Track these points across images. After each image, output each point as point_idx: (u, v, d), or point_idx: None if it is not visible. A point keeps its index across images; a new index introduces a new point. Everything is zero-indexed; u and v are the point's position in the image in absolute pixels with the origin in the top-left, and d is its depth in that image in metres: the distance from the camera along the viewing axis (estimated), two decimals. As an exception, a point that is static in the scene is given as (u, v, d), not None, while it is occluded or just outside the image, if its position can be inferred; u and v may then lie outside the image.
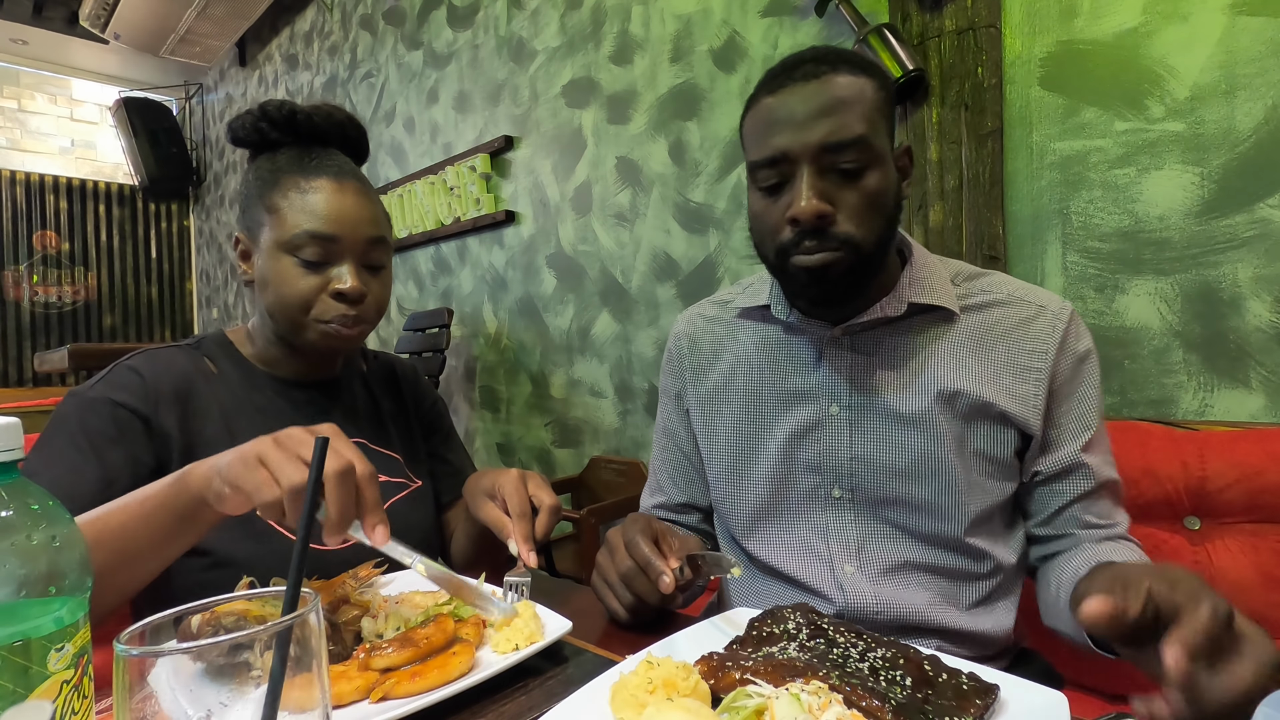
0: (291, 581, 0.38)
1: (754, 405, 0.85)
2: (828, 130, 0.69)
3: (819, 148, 0.69)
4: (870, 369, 0.79)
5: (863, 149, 0.69)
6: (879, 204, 0.71)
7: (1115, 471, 0.80)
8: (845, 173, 0.70)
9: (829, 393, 0.80)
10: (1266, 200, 1.14)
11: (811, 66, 0.71)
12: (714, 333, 0.92)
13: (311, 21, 3.92)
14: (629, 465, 2.18)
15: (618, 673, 0.50)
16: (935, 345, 0.78)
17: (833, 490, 0.80)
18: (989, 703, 0.48)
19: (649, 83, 2.12)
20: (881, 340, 0.79)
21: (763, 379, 0.85)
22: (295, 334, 0.83)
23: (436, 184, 2.91)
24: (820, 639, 0.56)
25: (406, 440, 0.99)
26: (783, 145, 0.70)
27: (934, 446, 0.76)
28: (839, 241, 0.70)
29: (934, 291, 0.78)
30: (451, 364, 2.96)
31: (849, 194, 0.70)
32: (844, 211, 0.70)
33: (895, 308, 0.77)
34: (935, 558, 0.78)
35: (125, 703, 0.30)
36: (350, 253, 0.82)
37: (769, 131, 0.72)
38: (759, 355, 0.86)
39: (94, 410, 0.75)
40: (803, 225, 0.70)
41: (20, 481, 0.36)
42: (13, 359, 4.92)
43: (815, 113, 0.69)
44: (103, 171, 5.50)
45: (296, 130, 0.86)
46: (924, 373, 0.77)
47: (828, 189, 0.70)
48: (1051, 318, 0.77)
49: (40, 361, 3.07)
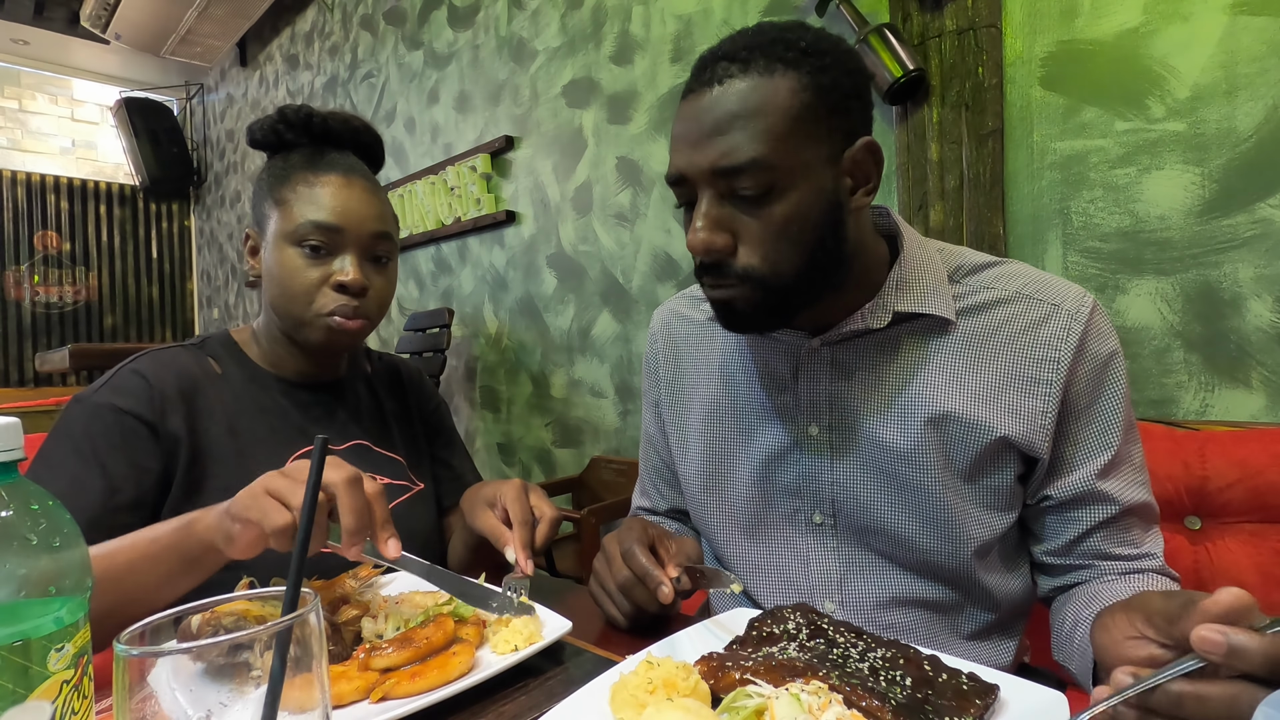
0: (291, 581, 0.38)
1: (728, 420, 0.78)
2: (719, 153, 0.59)
3: (710, 171, 0.60)
4: (851, 387, 0.70)
5: (761, 172, 0.59)
6: (789, 233, 0.61)
7: (1147, 491, 0.68)
8: (747, 199, 0.60)
9: (807, 412, 0.72)
10: (1267, 200, 1.14)
11: (720, 67, 0.61)
12: (689, 336, 0.85)
13: (312, 22, 3.92)
14: (629, 465, 2.18)
15: (617, 673, 0.50)
16: (924, 359, 0.68)
17: (814, 515, 0.74)
18: (989, 703, 0.48)
19: (649, 83, 2.12)
20: (863, 354, 0.70)
21: (736, 392, 0.78)
22: (297, 328, 0.83)
23: (437, 184, 2.91)
24: (820, 639, 0.56)
25: (409, 442, 0.99)
26: (679, 166, 0.62)
27: (921, 475, 0.67)
28: (737, 277, 0.62)
29: (923, 297, 0.68)
30: (452, 364, 2.96)
31: (750, 223, 0.61)
32: (746, 243, 0.61)
33: (878, 318, 0.68)
34: (926, 591, 0.71)
35: (125, 703, 0.30)
36: (354, 245, 0.82)
37: (673, 146, 0.64)
38: (732, 366, 0.78)
39: (98, 417, 0.75)
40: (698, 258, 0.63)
41: (20, 481, 0.36)
42: (14, 359, 4.92)
43: (708, 130, 0.60)
44: (103, 171, 5.51)
45: (311, 131, 0.88)
46: (910, 392, 0.68)
47: (729, 218, 0.61)
48: (1066, 318, 0.66)
49: (41, 362, 3.07)
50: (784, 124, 0.59)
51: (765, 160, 0.58)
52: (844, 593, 0.73)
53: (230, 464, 0.79)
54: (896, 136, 1.53)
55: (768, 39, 0.61)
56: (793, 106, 0.59)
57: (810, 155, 0.60)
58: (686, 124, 0.62)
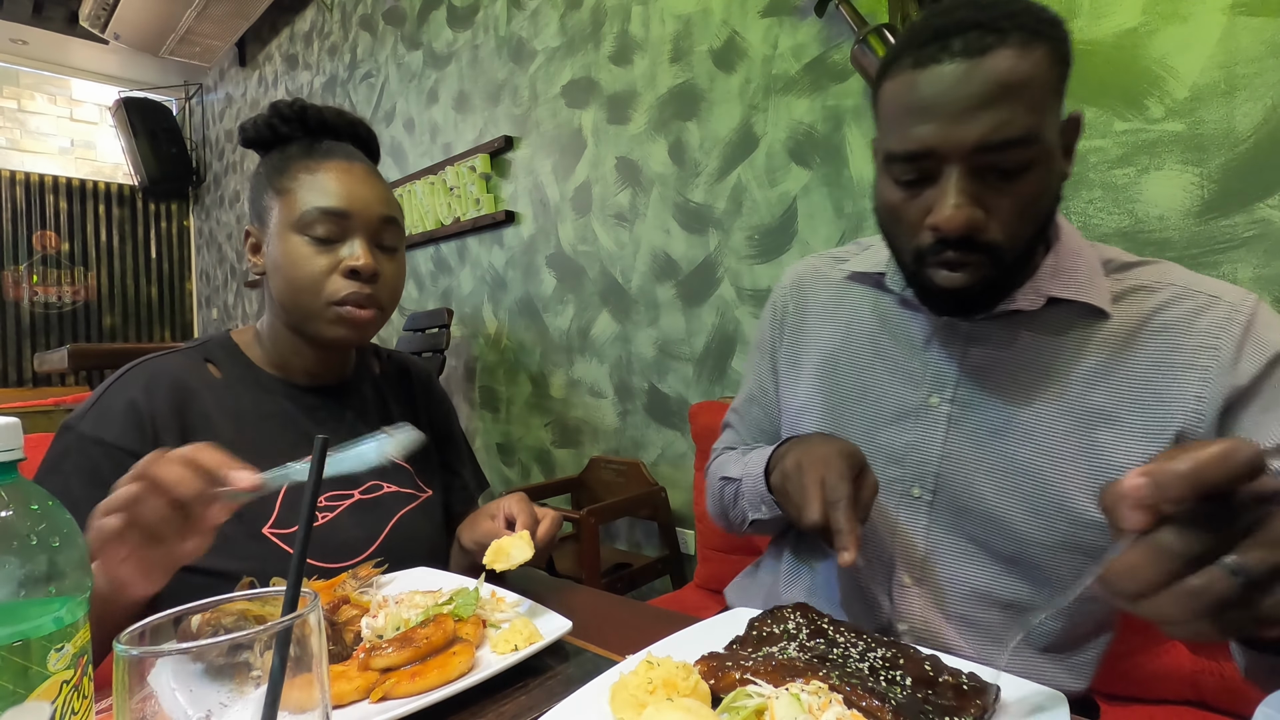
0: (291, 581, 0.37)
1: (846, 378, 0.77)
2: (989, 126, 0.56)
3: (975, 147, 0.57)
4: (987, 363, 0.68)
5: (1030, 145, 0.57)
6: (1036, 208, 0.60)
7: None
8: (1004, 172, 0.58)
9: (933, 380, 0.71)
10: (1266, 200, 1.14)
11: (974, 37, 0.57)
12: (822, 292, 0.83)
13: (311, 21, 3.92)
14: (629, 465, 2.18)
15: (617, 672, 0.50)
16: (1073, 347, 0.66)
17: (912, 488, 0.72)
18: (989, 702, 0.48)
19: (649, 83, 2.12)
20: (1007, 334, 0.68)
21: (861, 352, 0.76)
22: (307, 321, 0.80)
23: (436, 184, 2.91)
24: (820, 639, 0.56)
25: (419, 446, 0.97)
26: (929, 142, 0.58)
27: (1044, 461, 0.64)
28: (985, 252, 0.60)
29: (1080, 285, 0.65)
30: (451, 364, 2.96)
31: (1004, 199, 0.59)
32: (996, 218, 0.59)
33: (1031, 300, 0.65)
34: (1011, 589, 0.67)
35: (125, 703, 0.30)
36: (362, 229, 0.80)
37: (912, 119, 0.59)
38: (863, 326, 0.77)
39: (85, 454, 0.71)
40: (946, 235, 0.60)
41: (20, 481, 0.36)
42: (12, 359, 4.92)
43: (974, 103, 0.56)
44: (102, 171, 5.50)
45: (306, 124, 0.86)
46: (1053, 377, 0.65)
47: (981, 193, 0.59)
48: (1227, 309, 0.62)
49: (40, 362, 3.07)
50: (1045, 96, 0.58)
51: (1033, 135, 0.57)
52: (924, 572, 0.71)
53: None
54: (896, 137, 1.53)
55: (1018, 7, 0.58)
56: (1050, 78, 0.58)
57: (1055, 129, 0.60)
58: (938, 96, 0.58)
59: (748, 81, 1.86)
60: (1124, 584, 0.38)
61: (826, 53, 1.69)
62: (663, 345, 2.13)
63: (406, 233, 3.06)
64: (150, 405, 0.74)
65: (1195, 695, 1.06)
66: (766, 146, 1.83)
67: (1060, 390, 0.65)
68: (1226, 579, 0.36)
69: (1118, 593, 0.39)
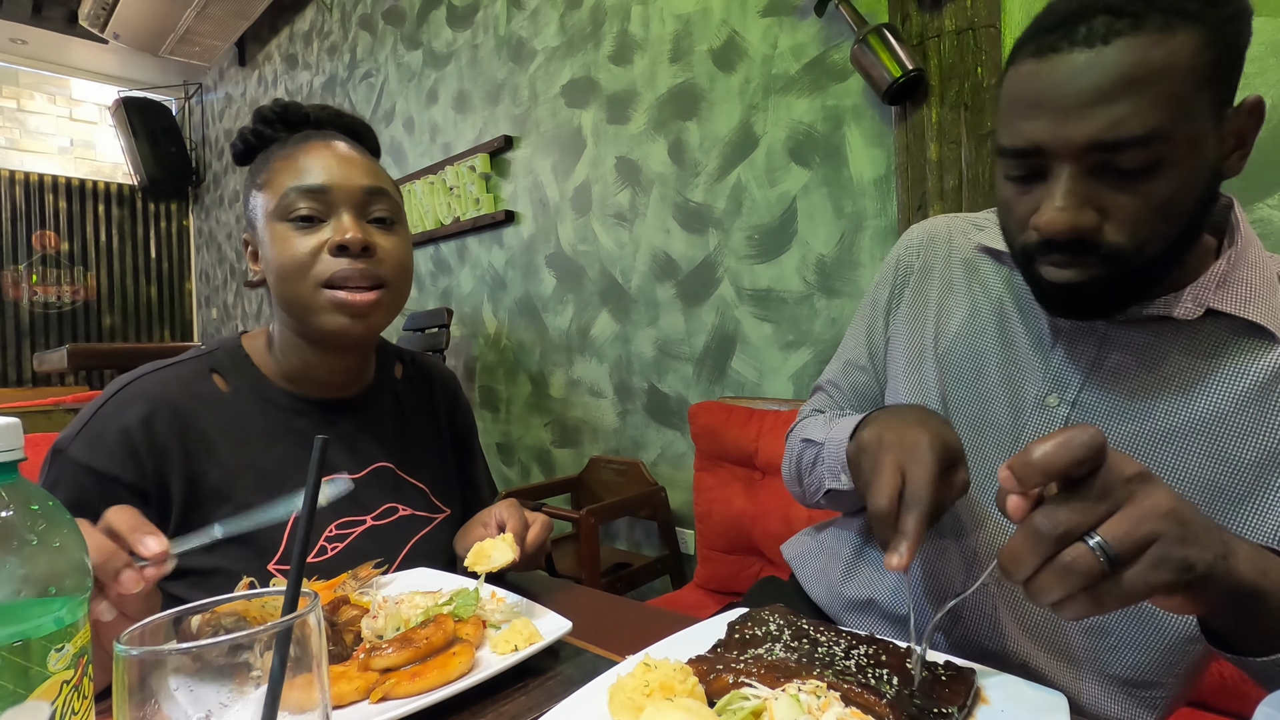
0: (291, 581, 0.38)
1: (962, 357, 0.70)
2: (1103, 124, 0.50)
3: (1086, 146, 0.51)
4: (1120, 370, 0.61)
5: (1155, 145, 0.50)
6: (1170, 210, 0.52)
7: None
8: (1125, 173, 0.52)
9: (1053, 379, 0.64)
10: (1266, 200, 1.14)
11: (1102, 22, 0.51)
12: (952, 258, 0.76)
13: (311, 21, 3.92)
14: (629, 465, 2.18)
15: (616, 673, 0.50)
16: (1230, 372, 0.57)
17: None
18: (968, 688, 0.49)
19: (648, 83, 2.12)
20: (1150, 342, 0.60)
21: (983, 332, 0.70)
22: (305, 315, 0.74)
23: (436, 184, 2.91)
24: (803, 639, 0.56)
25: (437, 463, 0.92)
26: (1037, 139, 0.54)
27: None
28: (1101, 257, 0.54)
29: (1248, 300, 0.57)
30: (451, 364, 2.96)
31: (1126, 200, 0.52)
32: (1115, 220, 0.53)
33: (1187, 309, 0.57)
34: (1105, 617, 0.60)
35: (125, 703, 0.30)
36: (345, 203, 0.74)
37: (1023, 112, 0.54)
38: (990, 305, 0.70)
39: (74, 483, 0.68)
40: (1049, 238, 0.55)
41: (20, 481, 0.36)
42: (11, 359, 4.92)
43: (1089, 98, 0.50)
44: (102, 171, 5.50)
45: (289, 120, 0.83)
46: (1198, 400, 0.58)
47: (1096, 193, 0.53)
48: None
49: (39, 362, 3.06)
50: (1184, 89, 0.50)
51: (1161, 132, 0.50)
52: (1000, 581, 0.65)
53: (235, 502, 0.72)
54: (895, 137, 1.53)
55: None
56: (1196, 68, 0.50)
57: (1204, 122, 0.52)
58: (1052, 89, 0.52)
59: (747, 81, 1.86)
60: (1010, 567, 0.42)
61: (826, 52, 1.69)
62: (662, 345, 2.13)
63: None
64: (147, 435, 0.70)
65: (1195, 695, 1.06)
66: (766, 146, 1.83)
67: (1205, 415, 0.58)
68: (1091, 554, 0.40)
69: (1009, 576, 0.42)
